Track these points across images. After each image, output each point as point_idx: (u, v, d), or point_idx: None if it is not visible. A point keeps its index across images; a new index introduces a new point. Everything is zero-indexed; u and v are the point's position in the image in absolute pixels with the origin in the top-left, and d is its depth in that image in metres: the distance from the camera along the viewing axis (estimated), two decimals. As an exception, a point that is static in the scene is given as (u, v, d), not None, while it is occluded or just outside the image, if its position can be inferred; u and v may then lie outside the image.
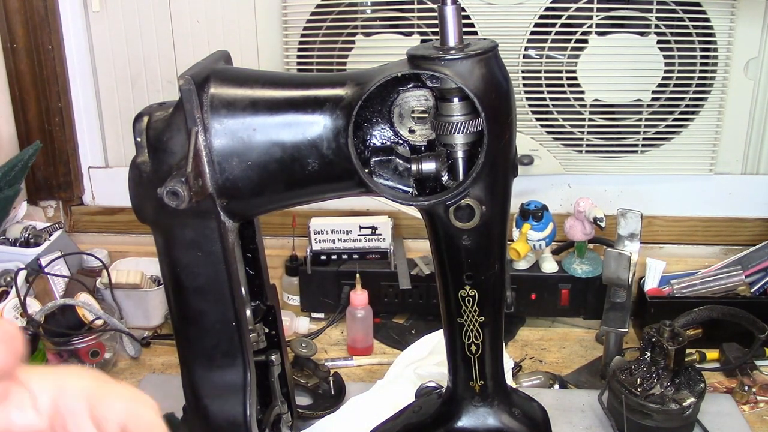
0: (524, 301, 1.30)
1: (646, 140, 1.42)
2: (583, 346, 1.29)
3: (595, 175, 1.46)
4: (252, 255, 0.77)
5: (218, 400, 0.66)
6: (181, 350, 0.67)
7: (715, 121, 1.40)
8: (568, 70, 1.37)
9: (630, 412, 0.99)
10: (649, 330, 1.02)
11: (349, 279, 1.31)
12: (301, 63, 1.41)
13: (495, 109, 0.56)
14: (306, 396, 1.12)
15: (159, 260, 0.64)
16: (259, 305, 0.79)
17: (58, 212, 1.58)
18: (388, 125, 0.62)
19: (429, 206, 0.60)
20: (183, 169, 0.55)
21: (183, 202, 0.54)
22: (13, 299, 1.19)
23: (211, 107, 0.58)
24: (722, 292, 1.29)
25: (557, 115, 1.41)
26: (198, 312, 0.64)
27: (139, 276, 1.33)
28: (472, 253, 0.62)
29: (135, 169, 0.61)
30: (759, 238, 1.41)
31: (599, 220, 1.22)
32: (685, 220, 1.48)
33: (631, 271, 1.16)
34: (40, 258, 1.32)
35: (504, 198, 0.61)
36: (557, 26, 1.35)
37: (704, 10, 1.33)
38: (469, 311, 0.65)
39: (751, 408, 1.11)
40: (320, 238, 1.34)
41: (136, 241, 1.55)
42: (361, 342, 1.26)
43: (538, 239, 1.25)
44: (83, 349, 1.18)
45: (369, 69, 0.62)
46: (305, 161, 0.59)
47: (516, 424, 0.70)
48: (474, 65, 0.56)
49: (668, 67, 1.36)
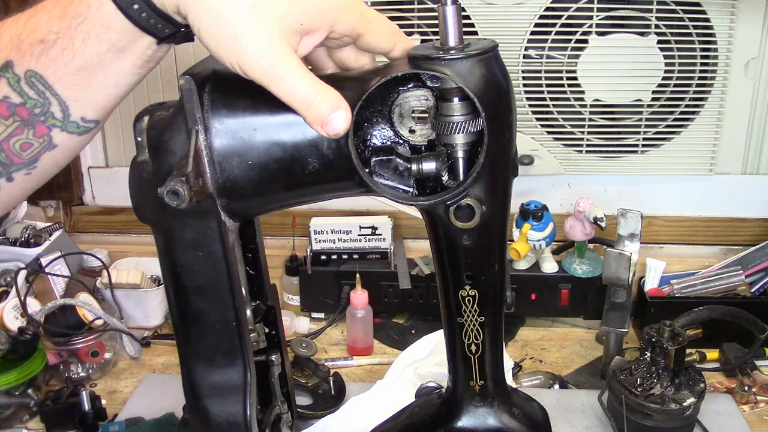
0: (524, 301, 1.30)
1: (646, 140, 1.42)
2: (583, 346, 1.29)
3: (595, 175, 1.46)
4: (252, 255, 0.77)
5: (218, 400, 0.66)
6: (181, 350, 0.67)
7: (715, 121, 1.40)
8: (568, 70, 1.37)
9: (630, 412, 0.99)
10: (649, 330, 1.02)
11: (349, 279, 1.31)
12: (301, 63, 1.41)
13: (495, 109, 0.56)
14: (306, 396, 1.12)
15: (159, 260, 0.63)
16: (259, 305, 0.79)
17: (58, 212, 1.58)
18: (388, 125, 0.62)
19: (429, 206, 0.60)
20: (183, 169, 0.55)
21: (183, 201, 0.54)
22: (13, 299, 1.19)
23: (211, 107, 0.58)
24: (722, 292, 1.30)
25: (557, 115, 1.41)
26: (198, 312, 0.64)
27: (139, 276, 1.33)
28: (472, 253, 0.62)
29: (135, 169, 0.61)
30: (759, 238, 1.41)
31: (599, 220, 1.22)
32: (685, 220, 1.48)
33: (631, 271, 1.16)
34: (40, 258, 1.32)
35: (504, 198, 0.61)
36: (557, 26, 1.35)
37: (704, 10, 1.33)
38: (469, 311, 0.65)
39: (751, 408, 1.11)
40: (320, 238, 1.34)
41: (136, 241, 1.55)
42: (361, 342, 1.26)
43: (538, 239, 1.25)
44: (83, 349, 1.19)
45: (369, 69, 0.62)
46: (305, 161, 0.59)
47: (516, 424, 0.70)
48: (474, 65, 0.56)
49: (668, 67, 1.36)
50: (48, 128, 0.59)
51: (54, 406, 1.07)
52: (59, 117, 0.58)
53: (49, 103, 0.58)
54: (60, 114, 0.58)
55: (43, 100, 0.57)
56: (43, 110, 0.58)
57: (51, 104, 0.58)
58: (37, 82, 0.57)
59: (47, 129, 0.59)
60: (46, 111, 0.58)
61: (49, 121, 0.58)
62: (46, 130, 0.59)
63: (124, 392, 1.18)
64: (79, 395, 1.05)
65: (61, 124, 0.59)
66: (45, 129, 0.59)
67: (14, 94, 0.57)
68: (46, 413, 1.07)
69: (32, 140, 0.59)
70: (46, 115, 0.58)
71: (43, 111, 0.58)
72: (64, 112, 0.58)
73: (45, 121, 0.58)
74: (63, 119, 0.58)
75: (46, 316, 1.20)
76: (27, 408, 1.10)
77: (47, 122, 0.58)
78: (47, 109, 0.58)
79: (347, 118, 0.55)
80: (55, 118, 0.58)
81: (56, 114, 0.58)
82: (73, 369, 1.20)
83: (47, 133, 0.59)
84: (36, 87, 0.57)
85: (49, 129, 0.59)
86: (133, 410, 1.10)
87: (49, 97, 0.57)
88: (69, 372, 1.19)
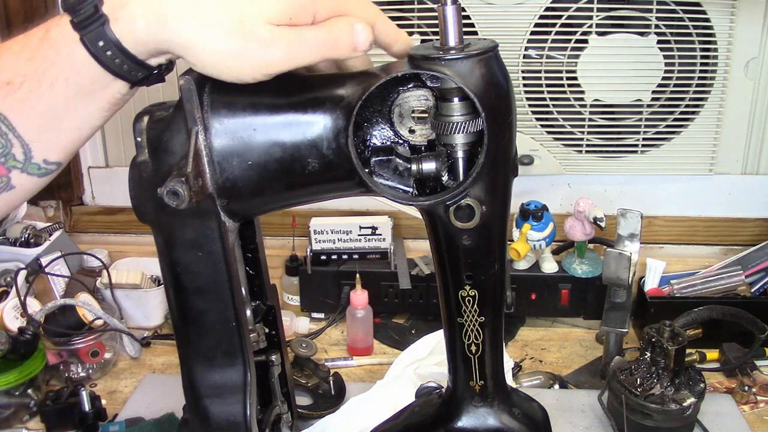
0: (524, 301, 1.30)
1: (646, 140, 1.42)
2: (583, 346, 1.29)
3: (595, 175, 1.46)
4: (252, 255, 0.77)
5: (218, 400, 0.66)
6: (181, 350, 0.67)
7: (715, 121, 1.40)
8: (568, 70, 1.37)
9: (630, 412, 0.99)
10: (649, 330, 1.02)
11: (349, 279, 1.31)
12: (301, 63, 1.41)
13: (495, 109, 0.56)
14: (306, 396, 1.12)
15: (159, 260, 0.63)
16: (259, 305, 0.79)
17: (58, 212, 1.58)
18: (388, 125, 0.62)
19: (429, 206, 0.60)
20: (183, 169, 0.55)
21: (183, 202, 0.54)
22: (13, 299, 1.19)
23: (211, 107, 0.58)
24: (722, 292, 1.30)
25: (557, 115, 1.41)
26: (198, 312, 0.64)
27: (139, 276, 1.33)
28: (472, 253, 0.62)
29: (135, 169, 0.61)
30: (759, 238, 1.41)
31: (599, 220, 1.22)
32: (685, 220, 1.48)
33: (631, 271, 1.16)
34: (40, 258, 1.32)
35: (504, 198, 0.61)
36: (557, 26, 1.35)
37: (704, 10, 1.33)
38: (469, 311, 0.65)
39: (751, 408, 1.11)
40: (320, 238, 1.34)
41: (136, 241, 1.55)
42: (361, 342, 1.26)
43: (538, 239, 1.25)
44: (83, 349, 1.19)
45: (369, 69, 0.62)
46: (305, 161, 0.59)
47: (516, 424, 0.70)
48: (474, 65, 0.56)
49: (668, 67, 1.36)
50: (8, 170, 0.58)
51: (54, 406, 1.07)
52: (20, 159, 0.57)
53: (11, 144, 0.57)
54: (21, 156, 0.57)
55: (5, 142, 0.56)
56: (4, 152, 0.57)
57: (13, 146, 0.57)
58: (1, 123, 0.56)
59: (6, 170, 0.58)
60: (8, 153, 0.57)
61: (9, 163, 0.57)
62: (5, 171, 0.58)
63: (124, 392, 1.18)
64: (79, 395, 1.05)
65: (22, 165, 0.58)
66: (4, 170, 0.58)
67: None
68: (46, 413, 1.07)
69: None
70: (6, 156, 0.57)
71: (4, 152, 0.57)
72: (26, 154, 0.57)
73: (5, 163, 0.57)
74: (24, 161, 0.58)
75: (46, 316, 1.20)
76: (27, 408, 1.10)
77: (7, 164, 0.57)
78: (8, 150, 0.57)
79: (365, 27, 0.56)
80: (16, 160, 0.57)
81: (17, 156, 0.57)
82: (73, 369, 1.20)
83: (6, 174, 0.58)
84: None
85: (9, 170, 0.58)
86: (133, 410, 1.10)
87: (12, 139, 0.57)
88: (69, 372, 1.19)
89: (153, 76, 0.58)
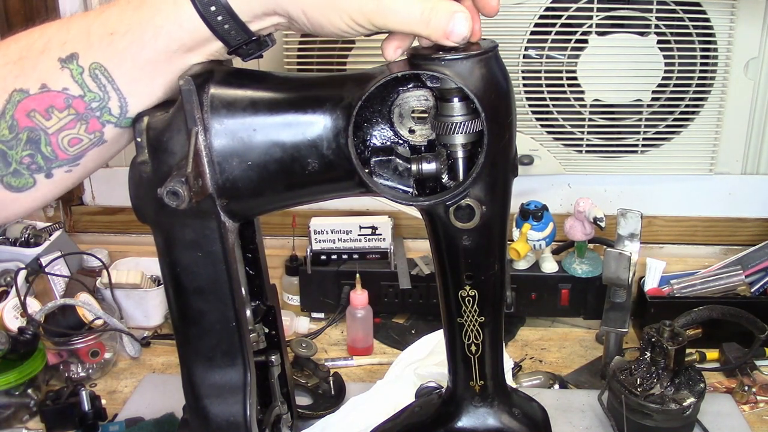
0: (524, 301, 1.30)
1: (646, 140, 1.42)
2: (583, 346, 1.29)
3: (595, 175, 1.46)
4: (252, 255, 0.77)
5: (218, 400, 0.66)
6: (181, 350, 0.67)
7: (715, 121, 1.40)
8: (568, 70, 1.37)
9: (630, 412, 0.99)
10: (649, 330, 1.02)
11: (349, 279, 1.31)
12: (301, 63, 1.41)
13: (495, 109, 0.56)
14: (306, 396, 1.12)
15: (159, 260, 0.63)
16: (259, 305, 0.79)
17: (58, 212, 1.58)
18: (388, 125, 0.62)
19: (429, 206, 0.60)
20: (183, 170, 0.55)
21: (183, 202, 0.54)
22: (13, 299, 1.19)
23: (211, 107, 0.58)
24: (722, 292, 1.30)
25: (557, 115, 1.41)
26: (198, 312, 0.64)
27: (139, 276, 1.34)
28: (472, 253, 0.62)
29: (135, 169, 0.61)
30: (759, 238, 1.41)
31: (599, 220, 1.22)
32: (685, 220, 1.48)
33: (631, 271, 1.16)
34: (40, 258, 1.32)
35: (504, 198, 0.61)
36: (557, 26, 1.35)
37: (704, 10, 1.33)
38: (469, 311, 0.65)
39: (751, 408, 1.11)
40: (320, 238, 1.34)
41: (136, 241, 1.55)
42: (361, 342, 1.26)
43: (538, 239, 1.26)
44: (83, 349, 1.19)
45: (369, 69, 0.62)
46: (305, 161, 0.59)
47: (516, 424, 0.70)
48: (474, 65, 0.56)
49: (668, 67, 1.36)
50: (102, 124, 0.58)
51: (54, 406, 1.07)
52: (116, 113, 0.58)
53: (109, 98, 0.57)
54: (117, 110, 0.58)
55: (103, 95, 0.57)
56: (101, 105, 0.57)
57: (110, 99, 0.57)
58: (101, 75, 0.57)
59: (101, 125, 0.58)
60: (104, 106, 0.58)
61: (104, 117, 0.58)
62: (100, 126, 0.58)
63: (124, 392, 1.18)
64: (79, 395, 1.05)
65: (116, 120, 0.58)
66: (98, 125, 0.58)
67: (74, 86, 0.57)
68: (46, 413, 1.07)
69: (82, 136, 0.58)
70: (102, 110, 0.58)
71: (100, 106, 0.57)
72: (122, 108, 0.58)
73: (100, 117, 0.58)
74: (119, 115, 0.58)
75: (46, 316, 1.20)
76: (27, 408, 1.11)
77: (102, 118, 0.58)
78: (105, 104, 0.57)
79: (467, 18, 0.55)
80: (111, 114, 0.58)
81: (113, 110, 0.58)
82: (73, 369, 1.20)
83: (100, 129, 0.59)
84: (99, 80, 0.57)
85: (103, 125, 0.58)
86: (133, 410, 1.10)
87: (110, 92, 0.57)
88: (69, 372, 1.19)
89: (251, 44, 0.59)
